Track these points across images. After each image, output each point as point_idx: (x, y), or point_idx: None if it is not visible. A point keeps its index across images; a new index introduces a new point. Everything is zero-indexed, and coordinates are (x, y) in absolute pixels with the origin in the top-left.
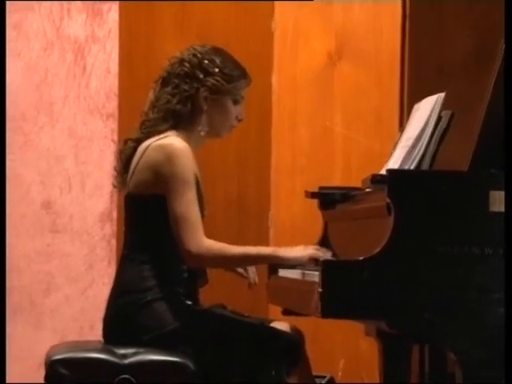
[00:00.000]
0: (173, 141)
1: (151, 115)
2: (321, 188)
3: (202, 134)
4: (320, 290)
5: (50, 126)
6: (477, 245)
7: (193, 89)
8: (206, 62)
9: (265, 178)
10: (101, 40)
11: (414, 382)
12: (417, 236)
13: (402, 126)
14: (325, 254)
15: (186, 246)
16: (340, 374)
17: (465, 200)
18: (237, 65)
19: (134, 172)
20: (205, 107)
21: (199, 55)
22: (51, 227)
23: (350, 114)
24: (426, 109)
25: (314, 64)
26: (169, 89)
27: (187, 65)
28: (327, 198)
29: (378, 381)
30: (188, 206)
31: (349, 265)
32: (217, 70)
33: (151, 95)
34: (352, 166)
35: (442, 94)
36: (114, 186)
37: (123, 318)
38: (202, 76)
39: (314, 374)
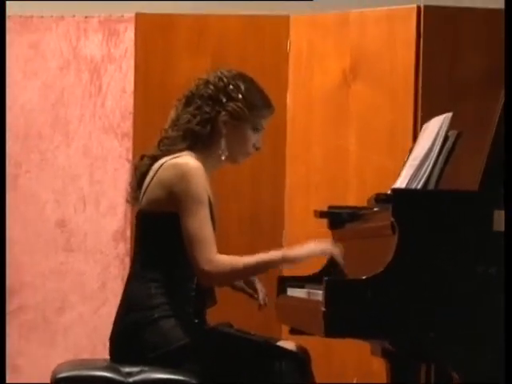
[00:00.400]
0: (187, 160)
1: (170, 133)
2: (330, 207)
3: (223, 157)
4: (323, 309)
5: (66, 145)
6: (480, 264)
7: (214, 111)
8: (231, 87)
9: (279, 195)
10: (117, 60)
11: None
12: (420, 255)
13: None
14: (335, 248)
15: (200, 264)
16: None
17: (468, 219)
18: (261, 93)
19: (146, 190)
20: (224, 131)
21: (225, 79)
22: (65, 246)
23: (365, 133)
24: (433, 128)
25: (328, 83)
26: (191, 109)
27: (212, 87)
28: (336, 218)
29: None
30: (201, 224)
31: (352, 284)
32: (240, 96)
33: (173, 113)
34: (366, 184)
35: (450, 114)
36: (128, 202)
37: (129, 336)
38: (224, 100)
39: None
